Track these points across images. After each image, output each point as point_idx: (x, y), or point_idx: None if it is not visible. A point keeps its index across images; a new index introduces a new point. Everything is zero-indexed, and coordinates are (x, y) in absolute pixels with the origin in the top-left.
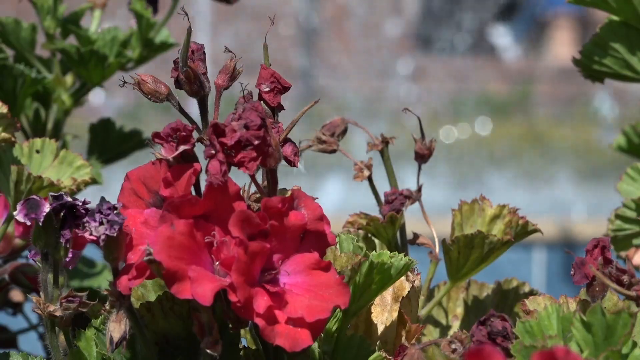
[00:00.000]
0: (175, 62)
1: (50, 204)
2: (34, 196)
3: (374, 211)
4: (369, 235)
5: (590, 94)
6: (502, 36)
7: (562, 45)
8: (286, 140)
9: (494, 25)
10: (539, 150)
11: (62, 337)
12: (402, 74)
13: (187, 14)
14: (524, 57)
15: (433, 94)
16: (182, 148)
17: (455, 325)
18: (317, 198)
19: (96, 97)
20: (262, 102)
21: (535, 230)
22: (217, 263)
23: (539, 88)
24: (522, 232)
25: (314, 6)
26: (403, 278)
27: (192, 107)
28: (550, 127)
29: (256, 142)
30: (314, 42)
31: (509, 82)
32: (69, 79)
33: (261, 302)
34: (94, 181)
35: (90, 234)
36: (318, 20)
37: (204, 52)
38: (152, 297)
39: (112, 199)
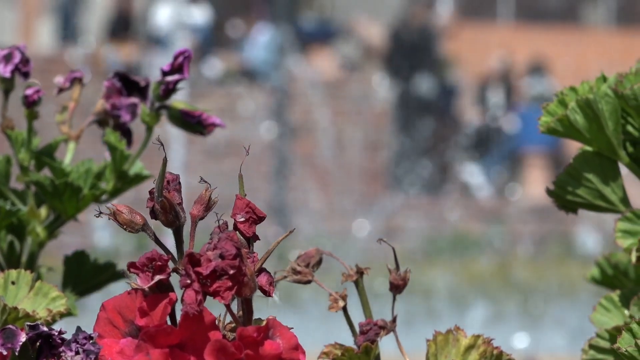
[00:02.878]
0: (150, 192)
1: (27, 334)
2: (10, 326)
3: (349, 342)
4: None
5: (564, 232)
6: (474, 175)
7: (534, 184)
8: (261, 270)
9: (466, 164)
10: (512, 288)
11: None
12: (376, 212)
13: (162, 144)
14: (496, 195)
15: (406, 232)
16: (157, 278)
17: None
18: (292, 328)
19: None
20: (237, 232)
21: None
22: None
23: (512, 227)
24: None
25: (286, 144)
26: None
27: (168, 237)
28: (523, 266)
29: (231, 272)
30: (286, 179)
31: (481, 220)
32: (43, 211)
33: None
34: (69, 313)
35: None
36: (291, 158)
37: (179, 183)
38: None
39: (88, 330)
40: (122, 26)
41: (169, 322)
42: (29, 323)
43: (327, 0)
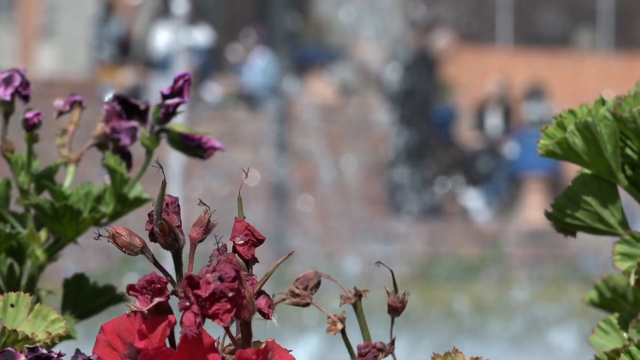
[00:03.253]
0: (149, 215)
1: (26, 356)
2: (10, 348)
3: None
4: None
5: (560, 256)
6: (473, 199)
7: (533, 208)
8: (260, 293)
9: (465, 188)
10: (510, 312)
11: None
12: (374, 236)
13: (161, 167)
14: (495, 219)
15: (405, 256)
16: (156, 300)
17: None
18: (292, 350)
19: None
20: (236, 254)
21: None
22: None
23: (510, 250)
24: None
25: (285, 169)
26: None
27: (167, 260)
28: (520, 289)
29: (230, 294)
30: (284, 204)
31: (480, 244)
32: (43, 234)
33: None
34: (68, 335)
35: None
36: (289, 182)
37: (179, 205)
38: None
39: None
40: (122, 50)
41: (168, 345)
42: (28, 345)
43: (325, 24)
